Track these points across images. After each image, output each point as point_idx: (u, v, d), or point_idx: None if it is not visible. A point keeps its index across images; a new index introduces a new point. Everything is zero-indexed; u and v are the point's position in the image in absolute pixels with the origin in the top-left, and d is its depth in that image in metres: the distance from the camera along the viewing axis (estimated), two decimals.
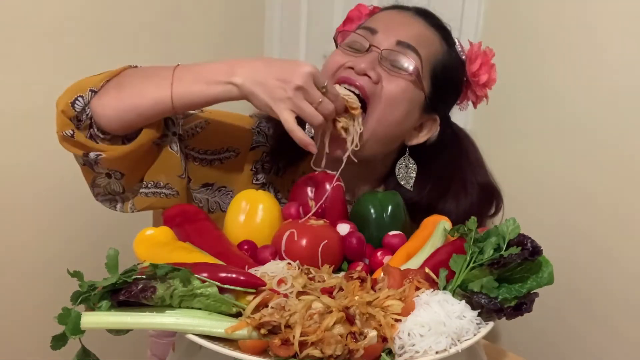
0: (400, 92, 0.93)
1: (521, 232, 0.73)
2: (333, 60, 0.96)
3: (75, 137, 0.86)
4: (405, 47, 0.93)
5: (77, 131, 0.86)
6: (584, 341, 1.49)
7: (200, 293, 0.67)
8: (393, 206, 0.92)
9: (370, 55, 0.93)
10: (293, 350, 0.63)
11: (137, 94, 0.84)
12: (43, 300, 1.35)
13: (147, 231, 0.80)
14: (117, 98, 0.84)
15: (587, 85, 1.39)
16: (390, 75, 0.94)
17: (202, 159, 0.98)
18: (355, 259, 0.86)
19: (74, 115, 0.85)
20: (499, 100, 1.61)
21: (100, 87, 0.85)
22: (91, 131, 0.86)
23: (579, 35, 1.39)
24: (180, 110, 0.85)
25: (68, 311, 0.66)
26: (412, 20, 0.97)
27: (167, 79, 0.83)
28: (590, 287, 1.45)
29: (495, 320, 0.72)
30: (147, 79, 0.85)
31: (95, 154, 0.86)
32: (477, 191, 1.04)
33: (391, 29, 0.94)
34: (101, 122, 0.85)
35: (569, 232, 1.47)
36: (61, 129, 0.86)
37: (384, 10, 1.02)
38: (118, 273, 0.67)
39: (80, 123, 0.86)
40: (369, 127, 0.93)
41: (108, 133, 0.87)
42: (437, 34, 0.99)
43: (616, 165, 1.37)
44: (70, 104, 0.84)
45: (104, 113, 0.84)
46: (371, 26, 0.96)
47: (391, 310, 0.69)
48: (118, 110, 0.84)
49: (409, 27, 0.96)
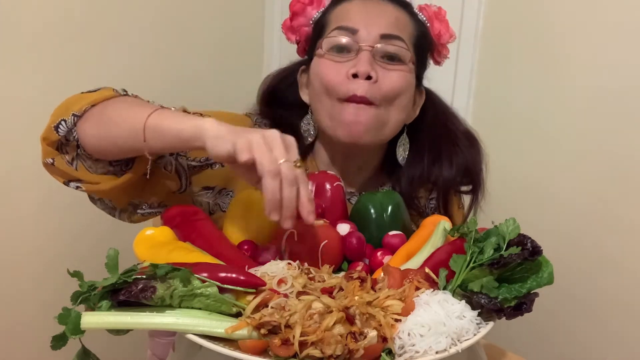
0: (401, 83, 0.95)
1: (521, 232, 0.73)
2: (328, 72, 0.94)
3: (55, 164, 0.85)
4: (391, 38, 0.94)
5: (57, 158, 0.85)
6: (583, 341, 1.49)
7: (200, 293, 0.67)
8: (393, 206, 0.92)
9: (364, 56, 0.92)
10: (293, 350, 0.63)
11: (117, 123, 0.80)
12: (43, 300, 1.35)
13: (147, 231, 0.80)
14: (97, 126, 0.81)
15: (587, 85, 1.39)
16: (387, 70, 0.94)
17: (203, 165, 0.97)
18: (355, 259, 0.86)
19: (57, 139, 0.84)
20: (499, 100, 1.61)
21: (83, 112, 0.83)
22: (78, 151, 0.85)
23: (579, 35, 1.40)
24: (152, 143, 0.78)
25: (68, 311, 0.66)
26: (383, 8, 0.96)
27: (147, 110, 0.79)
28: (588, 288, 1.46)
29: (495, 320, 0.72)
30: (130, 109, 0.82)
31: (75, 184, 0.86)
32: (464, 142, 1.06)
33: (370, 24, 0.93)
34: (86, 147, 0.84)
35: (567, 234, 1.47)
36: (44, 157, 0.86)
37: (346, 3, 0.98)
38: (118, 273, 0.67)
39: (67, 143, 0.84)
40: (383, 120, 0.95)
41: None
42: (405, 11, 0.99)
43: (612, 168, 1.37)
44: (53, 127, 0.83)
45: (87, 140, 0.83)
46: (348, 25, 0.94)
47: (391, 310, 0.69)
48: (99, 139, 0.82)
49: (384, 16, 0.95)
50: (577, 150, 1.43)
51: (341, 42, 0.94)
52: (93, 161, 0.86)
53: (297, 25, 1.03)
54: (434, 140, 1.04)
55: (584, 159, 1.42)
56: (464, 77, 1.65)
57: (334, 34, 0.95)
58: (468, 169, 1.06)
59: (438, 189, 1.07)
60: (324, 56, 0.96)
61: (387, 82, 0.94)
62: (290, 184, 0.71)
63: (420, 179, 1.05)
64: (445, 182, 1.05)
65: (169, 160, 0.92)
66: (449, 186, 1.07)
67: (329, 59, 0.95)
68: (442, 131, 1.06)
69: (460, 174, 1.06)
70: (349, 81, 0.93)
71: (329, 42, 0.96)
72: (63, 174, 0.86)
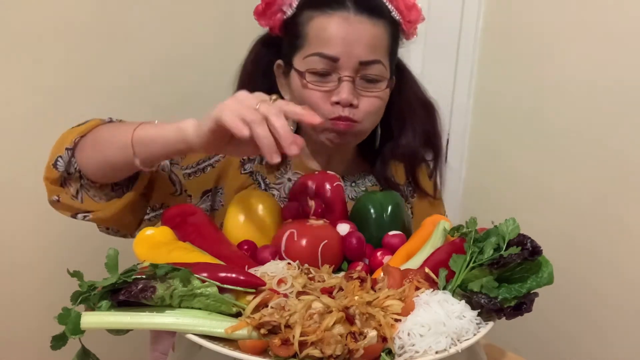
0: (380, 104, 1.01)
1: (521, 232, 0.73)
2: (311, 95, 0.97)
3: (61, 200, 0.89)
4: (370, 64, 0.97)
5: (62, 194, 0.89)
6: (583, 341, 1.49)
7: (200, 293, 0.68)
8: (393, 206, 0.92)
9: (345, 86, 0.96)
10: (293, 350, 0.63)
11: (109, 144, 0.85)
12: (43, 300, 1.35)
13: (147, 231, 0.80)
14: (93, 151, 0.86)
15: (587, 84, 1.39)
16: (366, 96, 0.99)
17: (196, 170, 1.00)
18: (355, 259, 0.86)
19: (59, 176, 0.87)
20: (499, 100, 1.61)
21: (75, 144, 0.87)
22: (82, 182, 0.89)
23: (579, 35, 1.39)
24: (142, 155, 0.82)
25: (68, 311, 0.66)
26: (361, 28, 0.96)
27: (133, 126, 0.83)
28: (588, 289, 1.46)
29: (495, 320, 0.72)
30: (117, 129, 0.86)
31: (83, 215, 0.90)
32: (422, 111, 1.12)
33: (350, 51, 0.95)
34: (86, 174, 0.88)
35: (567, 233, 1.47)
36: (49, 195, 0.90)
37: (324, 17, 0.96)
38: (118, 273, 0.67)
39: (70, 176, 0.88)
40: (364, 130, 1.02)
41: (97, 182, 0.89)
42: (380, 22, 0.98)
43: (612, 168, 1.37)
44: (52, 165, 0.87)
45: (86, 167, 0.87)
46: (329, 54, 0.95)
47: (391, 310, 0.69)
48: (96, 163, 0.86)
49: (362, 40, 0.95)
50: (578, 149, 1.43)
51: (322, 71, 0.96)
52: (96, 189, 0.89)
53: (270, 13, 1.02)
54: (398, 113, 1.10)
55: (584, 157, 1.42)
56: (464, 77, 1.65)
57: (315, 60, 0.96)
58: (429, 136, 1.13)
59: (405, 160, 1.14)
60: (304, 77, 0.97)
61: (368, 105, 0.99)
62: (276, 115, 0.73)
63: (390, 153, 1.12)
64: (411, 152, 1.12)
65: (163, 166, 0.96)
66: (415, 156, 1.13)
67: (310, 82, 0.97)
68: (405, 104, 1.10)
69: (423, 143, 1.13)
70: (332, 106, 0.97)
71: (308, 65, 0.97)
72: (69, 208, 0.90)
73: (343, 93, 0.96)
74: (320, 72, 0.96)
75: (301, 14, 0.99)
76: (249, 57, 1.09)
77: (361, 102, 0.98)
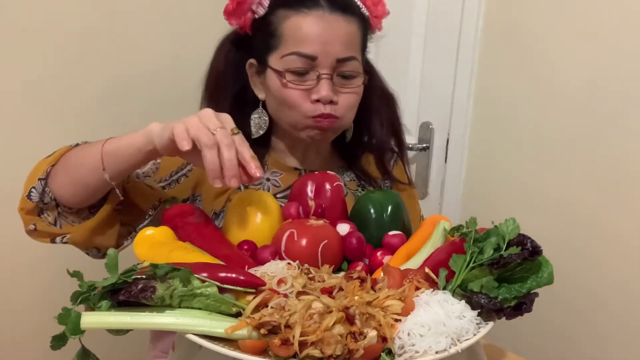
0: (357, 99, 1.03)
1: (521, 232, 0.73)
2: (291, 94, 0.98)
3: (37, 228, 0.89)
4: (346, 60, 0.98)
5: (38, 223, 0.89)
6: (582, 341, 1.49)
7: (200, 293, 0.68)
8: (393, 206, 0.92)
9: (324, 83, 0.97)
10: (293, 350, 0.63)
11: (79, 165, 0.86)
12: (43, 300, 1.35)
13: (147, 231, 0.80)
14: (65, 176, 0.86)
15: (588, 85, 1.39)
16: (344, 93, 1.00)
17: (170, 182, 1.00)
18: (355, 259, 0.86)
19: (34, 206, 0.88)
20: (499, 100, 1.61)
21: (47, 174, 0.88)
22: (59, 209, 0.89)
23: (579, 35, 1.39)
24: (111, 168, 0.83)
25: (68, 311, 0.66)
26: (336, 26, 0.97)
27: (101, 143, 0.85)
28: (587, 289, 1.46)
29: (495, 320, 0.72)
30: (86, 150, 0.87)
31: (60, 237, 0.90)
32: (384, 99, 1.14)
33: (327, 49, 0.96)
34: (62, 201, 0.88)
35: (567, 233, 1.47)
36: (25, 225, 0.90)
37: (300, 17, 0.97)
38: (118, 273, 0.67)
39: (46, 206, 0.89)
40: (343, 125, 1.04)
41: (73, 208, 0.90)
42: (352, 19, 0.99)
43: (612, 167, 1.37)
44: (26, 197, 0.87)
45: (60, 193, 0.87)
46: (307, 53, 0.96)
47: (391, 310, 0.69)
48: (70, 186, 0.86)
49: (338, 38, 0.97)
50: (577, 149, 1.43)
51: (301, 70, 0.97)
52: (74, 214, 0.90)
53: (240, 12, 1.01)
54: (368, 106, 1.11)
55: (583, 158, 1.42)
56: (464, 77, 1.65)
57: (293, 59, 0.96)
58: (394, 127, 1.16)
59: (376, 151, 1.17)
60: (283, 76, 0.97)
61: (346, 101, 1.00)
62: (227, 146, 0.76)
63: (363, 146, 1.15)
64: (381, 143, 1.15)
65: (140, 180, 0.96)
66: (385, 147, 1.16)
67: (290, 81, 0.97)
68: (373, 97, 1.12)
69: (390, 133, 1.16)
70: (313, 104, 0.98)
71: (287, 64, 0.97)
72: (47, 234, 0.90)
73: (323, 90, 0.97)
74: (299, 71, 0.97)
75: (274, 12, 0.99)
76: (219, 56, 1.08)
77: (340, 98, 1.00)
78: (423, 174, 1.79)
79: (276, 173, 1.08)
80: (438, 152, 1.76)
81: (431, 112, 1.72)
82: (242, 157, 0.78)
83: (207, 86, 1.08)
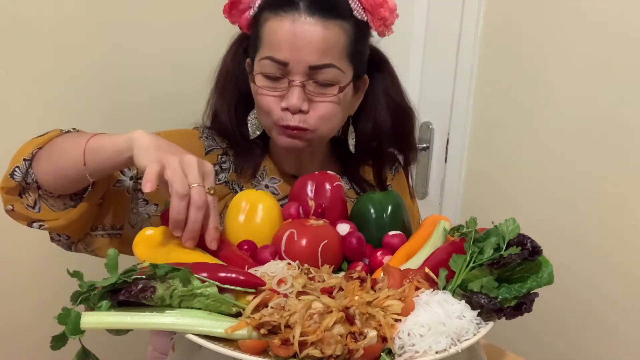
0: (332, 110, 0.97)
1: (521, 232, 0.73)
2: (263, 98, 0.97)
3: (15, 209, 0.88)
4: (320, 68, 0.93)
5: (16, 204, 0.88)
6: (582, 341, 1.49)
7: (200, 293, 0.67)
8: (393, 206, 0.92)
9: (294, 91, 0.94)
10: (293, 350, 0.63)
11: (63, 155, 0.85)
12: (43, 300, 1.35)
13: (147, 231, 0.80)
14: (48, 162, 0.85)
15: (588, 85, 1.39)
16: (317, 102, 0.96)
17: None
18: (355, 259, 0.86)
19: (16, 185, 0.87)
20: (499, 100, 1.61)
21: (33, 156, 0.86)
22: (40, 192, 0.88)
23: (578, 35, 1.40)
24: (91, 165, 0.82)
25: (68, 311, 0.66)
26: (311, 31, 0.92)
27: (87, 136, 0.83)
28: (587, 288, 1.46)
29: (495, 320, 0.72)
30: (72, 139, 0.86)
31: (38, 224, 0.89)
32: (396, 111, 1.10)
33: (298, 56, 0.92)
34: (44, 185, 0.87)
35: (566, 232, 1.47)
36: (4, 204, 0.89)
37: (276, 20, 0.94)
38: (118, 273, 0.67)
39: (28, 186, 0.87)
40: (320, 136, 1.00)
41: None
42: (335, 23, 0.94)
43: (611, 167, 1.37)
44: (9, 175, 0.86)
45: (42, 178, 0.86)
46: (278, 58, 0.93)
47: (391, 310, 0.69)
48: (51, 173, 0.85)
49: (311, 44, 0.92)
50: (576, 150, 1.43)
51: (272, 75, 0.95)
52: (55, 199, 0.89)
53: (236, 12, 1.01)
54: (370, 114, 1.08)
55: (582, 158, 1.42)
56: (464, 77, 1.65)
57: (266, 64, 0.95)
58: (402, 140, 1.14)
59: (374, 163, 1.15)
60: (255, 81, 0.97)
61: (321, 111, 0.96)
62: (197, 208, 0.74)
63: (362, 155, 1.11)
64: (382, 153, 1.13)
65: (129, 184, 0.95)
66: (385, 157, 1.15)
67: (262, 86, 0.96)
68: (377, 105, 1.09)
69: (395, 145, 1.14)
70: (283, 112, 0.96)
71: (262, 68, 0.96)
72: (24, 217, 0.89)
73: (292, 99, 0.94)
74: (272, 76, 0.95)
75: (261, 14, 0.97)
76: (229, 53, 1.08)
77: (314, 107, 0.96)
78: (423, 173, 1.79)
79: (274, 180, 1.07)
80: (438, 152, 1.76)
81: (431, 112, 1.72)
82: (207, 222, 0.77)
83: (217, 82, 1.07)
